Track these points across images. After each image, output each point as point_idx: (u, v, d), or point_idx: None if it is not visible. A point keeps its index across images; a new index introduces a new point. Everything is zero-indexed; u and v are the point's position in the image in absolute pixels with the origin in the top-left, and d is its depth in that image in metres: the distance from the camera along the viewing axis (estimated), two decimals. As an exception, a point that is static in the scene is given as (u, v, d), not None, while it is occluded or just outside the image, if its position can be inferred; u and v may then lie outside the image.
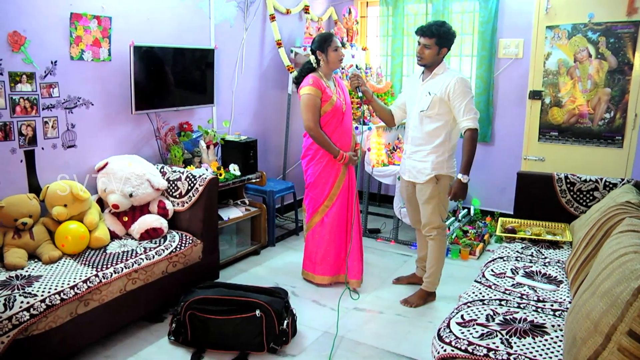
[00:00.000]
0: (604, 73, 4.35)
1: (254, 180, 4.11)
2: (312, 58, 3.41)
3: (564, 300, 2.39)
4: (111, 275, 2.68)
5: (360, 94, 3.43)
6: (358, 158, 3.56)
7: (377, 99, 3.58)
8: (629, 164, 4.38)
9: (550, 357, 1.89)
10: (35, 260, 2.79)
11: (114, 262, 2.78)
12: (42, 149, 3.11)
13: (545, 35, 4.52)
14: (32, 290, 2.40)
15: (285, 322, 2.76)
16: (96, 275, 2.62)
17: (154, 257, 2.94)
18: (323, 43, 3.36)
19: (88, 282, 2.56)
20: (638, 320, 1.41)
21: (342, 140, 3.45)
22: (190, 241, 3.20)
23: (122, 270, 2.75)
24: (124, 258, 2.84)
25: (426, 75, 3.21)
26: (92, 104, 3.36)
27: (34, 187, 3.07)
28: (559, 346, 1.96)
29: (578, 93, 4.48)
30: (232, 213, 3.94)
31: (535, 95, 4.66)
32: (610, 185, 3.30)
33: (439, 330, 2.12)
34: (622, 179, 3.31)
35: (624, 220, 2.27)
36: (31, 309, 2.31)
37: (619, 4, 4.17)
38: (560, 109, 4.57)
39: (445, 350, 1.98)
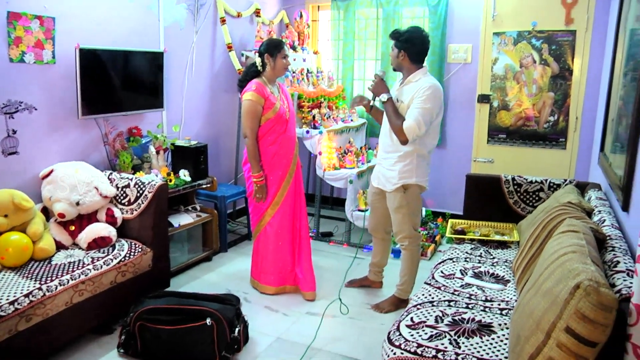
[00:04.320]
0: (547, 78, 4.52)
1: (204, 186, 4.05)
2: (257, 60, 3.37)
3: (511, 299, 2.46)
4: (56, 288, 2.58)
5: (372, 103, 3.27)
6: (262, 195, 3.43)
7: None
8: (572, 165, 4.57)
9: (497, 356, 1.94)
10: (-27, 273, 2.65)
11: (60, 273, 2.68)
12: (-20, 156, 2.98)
13: (493, 41, 4.66)
14: (-32, 307, 2.28)
15: (237, 329, 2.73)
16: (39, 289, 2.52)
17: (102, 267, 2.86)
18: (273, 48, 3.34)
19: (30, 296, 2.46)
20: (574, 317, 1.47)
21: (285, 147, 3.43)
22: (140, 249, 3.13)
23: (68, 282, 2.65)
24: (70, 269, 2.75)
25: (402, 81, 3.21)
26: (36, 109, 3.24)
27: (-28, 197, 2.93)
28: (505, 344, 2.01)
29: (524, 97, 4.63)
30: (182, 219, 3.87)
31: (484, 99, 4.79)
32: (555, 186, 3.41)
33: (389, 333, 2.14)
34: (565, 180, 3.43)
35: (564, 220, 2.35)
36: (-35, 327, 2.19)
37: (558, 13, 4.40)
38: (508, 112, 4.72)
39: (395, 354, 2.00)
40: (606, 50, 4.15)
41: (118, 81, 3.66)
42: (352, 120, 5.03)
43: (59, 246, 3.03)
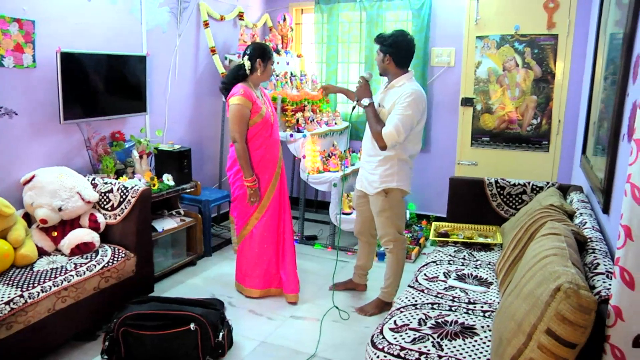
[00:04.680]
0: (530, 81, 4.57)
1: (188, 190, 4.03)
2: (247, 64, 3.33)
3: (494, 301, 2.47)
4: (38, 295, 2.55)
5: (355, 104, 3.27)
6: (257, 199, 3.41)
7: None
8: (554, 167, 4.62)
9: (479, 358, 1.95)
10: (-48, 281, 2.61)
11: (42, 280, 2.65)
12: (-40, 162, 2.94)
13: (476, 45, 4.70)
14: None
15: (221, 334, 2.72)
16: (21, 296, 2.48)
17: (85, 273, 2.83)
18: (266, 53, 3.33)
19: (11, 304, 2.42)
20: (555, 319, 1.49)
21: (271, 152, 3.43)
22: (123, 255, 3.10)
23: (51, 288, 2.62)
24: (53, 275, 2.72)
25: (386, 85, 3.21)
26: (16, 114, 3.20)
27: (-49, 203, 2.89)
28: (488, 346, 2.03)
29: (507, 100, 4.67)
30: (166, 224, 3.84)
31: (467, 102, 4.83)
32: (537, 189, 3.44)
33: (372, 336, 2.14)
34: (548, 182, 3.46)
35: (546, 223, 2.38)
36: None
37: (540, 17, 4.45)
38: (491, 115, 4.76)
39: (378, 357, 2.00)
40: (587, 54, 4.21)
41: (100, 85, 3.63)
42: (335, 123, 5.04)
43: (41, 252, 2.99)
